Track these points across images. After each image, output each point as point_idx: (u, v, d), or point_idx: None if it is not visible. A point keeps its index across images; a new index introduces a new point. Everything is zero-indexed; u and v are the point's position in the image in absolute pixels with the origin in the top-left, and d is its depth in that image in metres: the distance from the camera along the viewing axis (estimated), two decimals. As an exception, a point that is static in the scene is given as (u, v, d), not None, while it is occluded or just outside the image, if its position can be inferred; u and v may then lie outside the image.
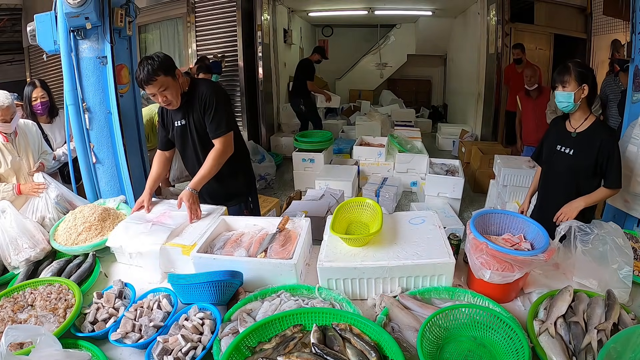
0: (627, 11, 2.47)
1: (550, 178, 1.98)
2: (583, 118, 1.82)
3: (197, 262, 1.39)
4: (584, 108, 1.80)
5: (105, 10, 2.21)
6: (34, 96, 2.65)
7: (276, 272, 1.33)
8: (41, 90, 2.67)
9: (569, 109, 1.79)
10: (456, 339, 1.08)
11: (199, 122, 1.85)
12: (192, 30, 5.56)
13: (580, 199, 1.79)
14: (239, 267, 1.33)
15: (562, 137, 1.89)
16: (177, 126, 1.90)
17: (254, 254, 1.41)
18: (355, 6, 6.89)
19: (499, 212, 1.43)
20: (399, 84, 9.30)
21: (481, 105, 5.96)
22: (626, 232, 1.63)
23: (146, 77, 1.66)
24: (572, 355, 0.99)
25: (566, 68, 1.75)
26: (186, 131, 1.89)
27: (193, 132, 1.88)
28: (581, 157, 1.80)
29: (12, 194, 1.99)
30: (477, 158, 4.52)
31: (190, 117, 1.86)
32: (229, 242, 1.50)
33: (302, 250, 1.39)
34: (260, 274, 1.35)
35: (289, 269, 1.32)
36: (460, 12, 6.96)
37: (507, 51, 5.37)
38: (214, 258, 1.39)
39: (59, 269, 1.48)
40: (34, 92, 2.65)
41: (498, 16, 5.31)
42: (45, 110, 2.69)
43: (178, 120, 1.88)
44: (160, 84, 1.70)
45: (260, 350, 1.03)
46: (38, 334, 0.93)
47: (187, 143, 1.93)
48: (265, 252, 1.41)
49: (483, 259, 1.20)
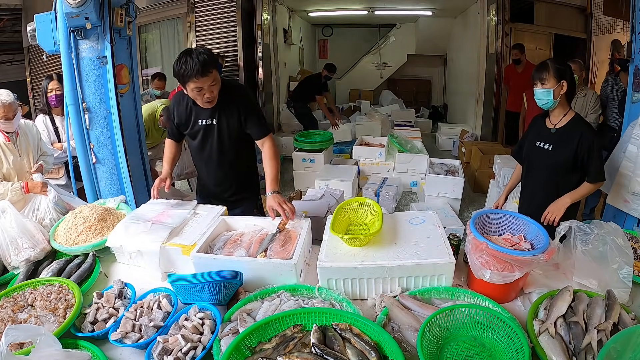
0: (627, 11, 2.47)
1: (530, 175, 2.02)
2: (562, 114, 1.85)
3: (197, 262, 1.39)
4: (563, 104, 1.84)
5: (105, 10, 2.21)
6: (50, 88, 2.75)
7: (276, 272, 1.33)
8: (57, 83, 2.75)
9: (549, 105, 1.82)
10: (456, 339, 1.08)
11: (229, 123, 1.81)
12: (192, 30, 5.57)
13: (566, 196, 1.80)
14: (239, 267, 1.33)
15: (542, 133, 1.92)
16: (202, 125, 1.83)
17: (254, 254, 1.41)
18: (355, 6, 6.89)
19: (499, 212, 1.43)
20: (399, 84, 9.30)
21: (481, 105, 5.96)
22: (626, 232, 1.63)
23: (203, 67, 1.58)
24: (572, 355, 0.99)
25: (544, 65, 1.78)
26: (212, 131, 1.84)
27: (222, 132, 1.83)
28: (560, 152, 1.83)
29: (20, 193, 2.00)
30: (477, 158, 4.52)
31: (220, 117, 1.81)
32: (229, 242, 1.50)
33: (302, 250, 1.39)
34: (261, 274, 1.35)
35: (289, 269, 1.32)
36: (460, 12, 6.96)
37: (507, 51, 5.37)
38: (214, 258, 1.39)
39: (59, 269, 1.47)
40: (50, 84, 2.76)
41: (498, 16, 5.32)
42: (59, 102, 2.75)
43: (204, 119, 1.82)
44: (213, 77, 1.65)
45: (260, 350, 1.03)
46: (38, 334, 0.93)
47: (209, 142, 1.87)
48: (265, 252, 1.40)
49: (483, 259, 1.20)
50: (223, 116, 1.81)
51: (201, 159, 1.96)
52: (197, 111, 1.83)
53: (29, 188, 2.00)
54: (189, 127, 1.87)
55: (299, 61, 7.92)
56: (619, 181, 2.21)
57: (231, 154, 1.90)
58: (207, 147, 1.89)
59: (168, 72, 6.09)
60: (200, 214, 1.71)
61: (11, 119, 1.98)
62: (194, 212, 1.72)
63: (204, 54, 1.61)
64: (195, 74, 1.59)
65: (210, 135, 1.85)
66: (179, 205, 1.76)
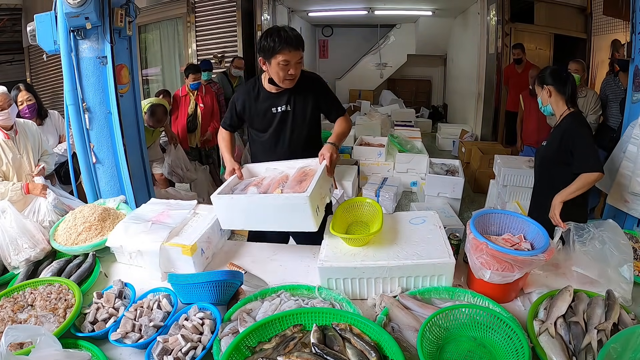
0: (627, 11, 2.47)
1: (535, 172, 2.14)
2: (559, 114, 1.93)
3: (217, 203, 1.44)
4: (561, 105, 1.92)
5: (105, 10, 2.21)
6: (20, 100, 2.54)
7: (290, 208, 1.32)
8: (26, 93, 2.57)
9: (547, 112, 1.98)
10: (456, 339, 1.08)
11: (305, 108, 1.83)
12: (192, 30, 5.57)
13: (556, 196, 1.83)
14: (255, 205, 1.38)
15: (548, 134, 2.05)
16: (276, 112, 1.83)
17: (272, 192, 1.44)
18: (355, 6, 6.90)
19: (499, 212, 1.43)
20: (399, 84, 9.31)
21: (481, 105, 5.96)
22: (626, 232, 1.63)
23: (296, 41, 1.62)
24: (572, 355, 0.99)
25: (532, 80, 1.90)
26: (288, 117, 1.83)
27: (297, 117, 1.84)
28: (549, 147, 1.94)
29: (20, 193, 1.99)
30: (477, 158, 4.52)
31: (296, 103, 1.82)
32: (250, 185, 1.56)
33: (317, 185, 1.36)
34: (275, 212, 1.36)
35: (302, 202, 1.29)
36: (460, 12, 6.96)
37: (507, 51, 5.38)
38: (231, 197, 1.45)
39: (59, 269, 1.47)
40: (19, 96, 2.54)
41: (498, 16, 5.32)
42: (33, 113, 2.60)
43: (279, 106, 1.82)
44: (301, 55, 1.67)
45: (260, 350, 1.03)
46: (38, 334, 0.93)
47: (285, 128, 1.86)
48: (282, 191, 1.42)
49: (483, 259, 1.20)
50: (299, 102, 1.82)
51: (271, 148, 1.90)
52: (271, 99, 1.82)
53: (29, 189, 2.00)
54: (262, 116, 1.85)
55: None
56: (619, 181, 2.21)
57: (304, 140, 1.90)
58: (283, 133, 1.86)
59: (168, 72, 6.11)
60: (200, 214, 1.71)
61: (6, 108, 1.97)
62: (194, 212, 1.72)
63: (295, 30, 1.66)
64: (289, 46, 1.61)
65: (287, 121, 1.84)
66: (179, 205, 1.76)
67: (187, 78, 3.83)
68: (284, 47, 1.61)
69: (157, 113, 3.38)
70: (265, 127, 1.87)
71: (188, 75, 3.83)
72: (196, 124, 3.96)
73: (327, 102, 1.89)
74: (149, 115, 3.33)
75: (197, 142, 4.04)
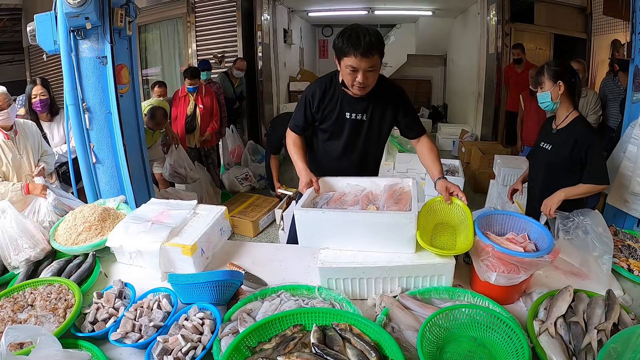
0: (627, 11, 2.47)
1: (532, 174, 2.06)
2: (565, 115, 1.86)
3: (302, 218, 1.30)
4: (566, 105, 1.84)
5: (105, 10, 2.21)
6: (34, 94, 2.65)
7: (392, 228, 1.26)
8: (41, 88, 2.66)
9: (550, 108, 1.85)
10: (456, 339, 1.08)
11: (382, 121, 1.70)
12: (192, 30, 5.57)
13: (561, 190, 1.80)
14: (353, 221, 1.28)
15: (546, 134, 1.96)
16: (351, 119, 1.68)
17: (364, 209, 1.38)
18: (355, 6, 6.90)
19: (502, 213, 1.42)
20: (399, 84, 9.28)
21: (481, 105, 5.96)
22: (626, 232, 1.64)
23: (366, 46, 1.41)
24: (572, 355, 0.99)
25: (540, 69, 1.81)
26: (363, 126, 1.70)
27: (373, 127, 1.70)
28: (557, 152, 1.85)
29: (20, 193, 1.99)
30: (477, 158, 4.52)
31: (374, 112, 1.67)
32: (332, 201, 1.48)
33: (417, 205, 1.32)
34: (376, 229, 1.28)
35: (408, 221, 1.25)
36: (460, 12, 6.96)
37: (507, 51, 5.38)
38: (322, 212, 1.31)
39: (59, 269, 1.47)
40: (33, 89, 2.65)
41: (498, 16, 5.32)
42: (45, 108, 2.68)
43: (355, 113, 1.67)
44: (373, 63, 1.47)
45: (260, 350, 1.03)
46: (38, 334, 0.93)
47: (359, 137, 1.73)
48: (377, 208, 1.37)
49: (489, 262, 1.19)
50: (376, 111, 1.67)
51: (337, 158, 1.78)
52: (347, 103, 1.66)
53: (30, 189, 2.00)
54: (333, 119, 1.69)
55: (299, 61, 7.92)
56: (619, 181, 2.21)
57: (375, 153, 1.82)
58: (357, 141, 1.73)
59: (168, 72, 6.10)
60: (200, 214, 1.70)
61: (5, 108, 1.97)
62: (194, 212, 1.71)
63: (372, 35, 1.44)
64: (354, 51, 1.42)
65: (361, 130, 1.70)
66: (179, 205, 1.76)
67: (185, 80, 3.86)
68: (351, 50, 1.43)
69: (157, 116, 3.39)
70: (334, 131, 1.72)
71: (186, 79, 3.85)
72: (195, 124, 3.97)
73: (407, 118, 1.73)
74: (149, 118, 3.33)
75: (196, 142, 4.05)
